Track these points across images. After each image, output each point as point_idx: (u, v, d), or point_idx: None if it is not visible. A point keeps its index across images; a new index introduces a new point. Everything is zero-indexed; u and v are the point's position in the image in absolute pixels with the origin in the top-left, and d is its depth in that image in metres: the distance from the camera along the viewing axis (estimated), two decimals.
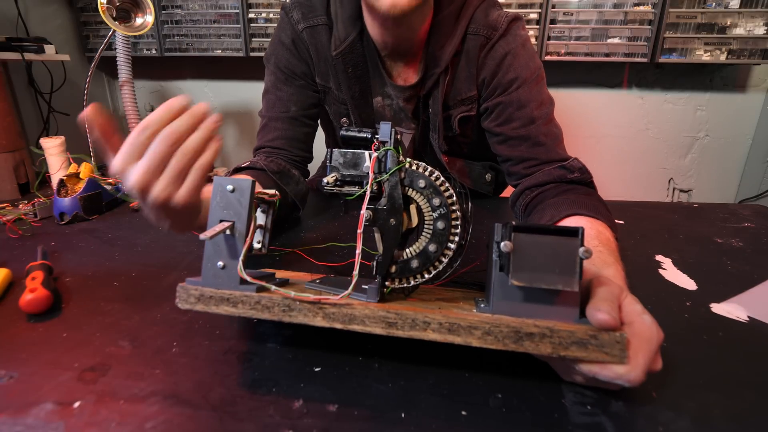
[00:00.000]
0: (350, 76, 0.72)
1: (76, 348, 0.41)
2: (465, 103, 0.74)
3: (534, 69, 0.69)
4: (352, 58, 0.71)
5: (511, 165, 0.71)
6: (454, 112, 0.74)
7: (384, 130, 0.38)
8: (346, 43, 0.70)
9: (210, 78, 2.28)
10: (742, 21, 1.71)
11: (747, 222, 0.78)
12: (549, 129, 0.68)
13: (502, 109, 0.70)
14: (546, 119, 0.68)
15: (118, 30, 1.32)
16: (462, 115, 0.74)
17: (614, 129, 2.08)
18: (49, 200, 0.76)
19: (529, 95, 0.68)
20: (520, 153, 0.69)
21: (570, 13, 1.78)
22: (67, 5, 2.02)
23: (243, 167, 0.69)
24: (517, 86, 0.68)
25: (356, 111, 0.76)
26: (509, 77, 0.68)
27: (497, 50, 0.69)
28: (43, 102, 1.81)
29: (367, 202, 0.36)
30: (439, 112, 0.73)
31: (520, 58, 0.69)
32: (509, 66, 0.68)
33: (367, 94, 0.75)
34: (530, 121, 0.67)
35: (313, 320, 0.34)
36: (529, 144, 0.68)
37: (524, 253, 0.33)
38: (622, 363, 0.31)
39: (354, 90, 0.74)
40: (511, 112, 0.69)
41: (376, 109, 0.77)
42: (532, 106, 0.68)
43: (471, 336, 0.32)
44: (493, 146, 0.74)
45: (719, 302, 0.51)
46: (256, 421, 0.32)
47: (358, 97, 0.75)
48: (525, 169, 0.68)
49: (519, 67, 0.68)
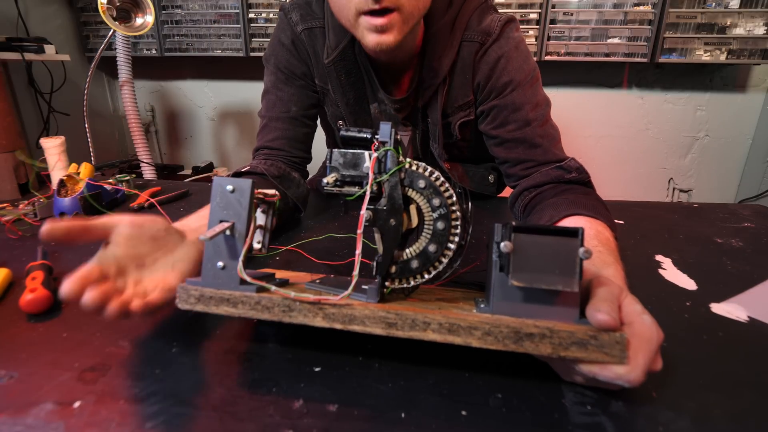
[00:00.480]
0: (343, 83, 0.72)
1: (76, 348, 0.41)
2: (463, 108, 0.74)
3: (528, 71, 0.69)
4: (344, 66, 0.71)
5: (508, 167, 0.71)
6: (454, 118, 0.74)
7: (384, 131, 0.38)
8: (338, 50, 0.69)
9: (210, 78, 2.28)
10: (742, 21, 1.71)
11: (747, 222, 0.78)
12: (545, 130, 0.68)
13: (497, 113, 0.70)
14: (542, 121, 0.68)
15: (118, 30, 1.32)
16: (462, 121, 0.75)
17: (614, 129, 2.08)
18: (49, 200, 0.76)
19: (523, 98, 0.68)
20: (517, 155, 0.69)
21: (570, 13, 1.78)
22: (67, 5, 2.02)
23: (243, 171, 0.69)
24: (512, 89, 0.68)
25: (351, 117, 0.76)
26: (503, 80, 0.68)
27: (490, 54, 0.69)
28: (43, 102, 1.81)
29: (366, 203, 0.36)
30: (438, 122, 0.73)
31: (514, 61, 0.68)
32: (503, 69, 0.68)
33: (363, 100, 0.75)
34: (526, 123, 0.67)
35: (313, 320, 0.34)
36: (525, 146, 0.68)
37: (524, 253, 0.33)
38: (622, 363, 0.31)
39: (348, 96, 0.74)
40: (507, 115, 0.69)
41: (374, 114, 0.77)
42: (527, 108, 0.68)
43: (471, 336, 0.32)
44: (491, 148, 0.74)
45: (719, 302, 0.51)
46: (256, 421, 0.32)
47: (353, 103, 0.75)
48: (522, 170, 0.68)
49: (513, 70, 0.68)
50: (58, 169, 0.87)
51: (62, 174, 0.76)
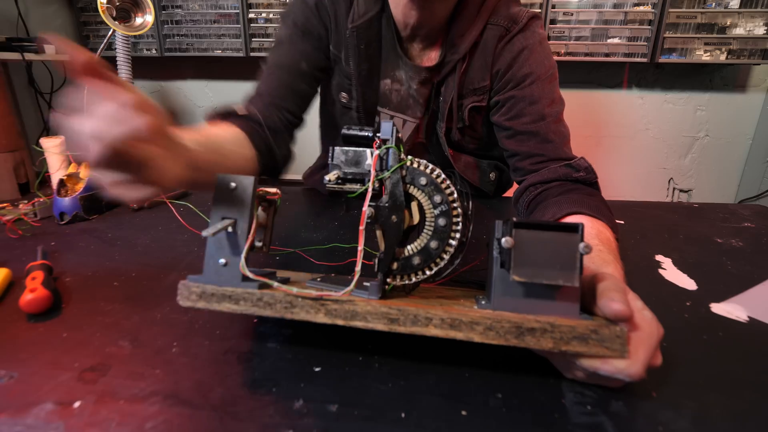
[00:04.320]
0: (361, 53, 0.73)
1: (76, 348, 0.41)
2: (477, 93, 0.74)
3: (549, 67, 0.70)
4: (366, 35, 0.71)
5: (517, 160, 0.71)
6: (466, 101, 0.75)
7: (385, 129, 0.38)
8: (365, 18, 0.70)
9: (210, 78, 2.28)
10: (742, 21, 1.71)
11: (747, 222, 0.78)
12: (558, 128, 0.69)
13: (513, 103, 0.70)
14: (556, 118, 0.69)
15: (118, 30, 1.32)
16: (473, 105, 0.75)
17: (614, 129, 2.08)
18: (49, 200, 0.76)
19: (541, 92, 0.69)
20: (528, 148, 0.69)
21: (570, 13, 1.78)
22: (67, 5, 2.02)
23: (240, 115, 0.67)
24: (531, 82, 0.69)
25: (360, 89, 0.76)
26: (524, 72, 0.69)
27: (515, 44, 0.70)
28: (43, 102, 1.81)
29: (369, 200, 0.36)
30: (450, 100, 0.74)
31: (537, 54, 0.69)
32: (525, 61, 0.69)
33: (375, 74, 0.76)
34: (540, 117, 0.68)
35: (315, 317, 0.34)
36: (537, 140, 0.68)
37: (525, 249, 0.33)
38: (623, 357, 0.31)
39: (362, 68, 0.74)
40: (523, 107, 0.69)
41: (383, 91, 0.78)
42: (544, 102, 0.68)
43: (472, 331, 0.33)
44: (501, 141, 0.74)
45: (719, 302, 0.51)
46: (256, 421, 0.32)
47: (365, 75, 0.75)
48: (531, 165, 0.69)
49: (534, 64, 0.69)
50: (62, 168, 0.87)
51: (62, 174, 0.76)
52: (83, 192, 0.74)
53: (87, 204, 0.74)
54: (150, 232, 0.69)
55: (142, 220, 0.75)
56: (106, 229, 0.71)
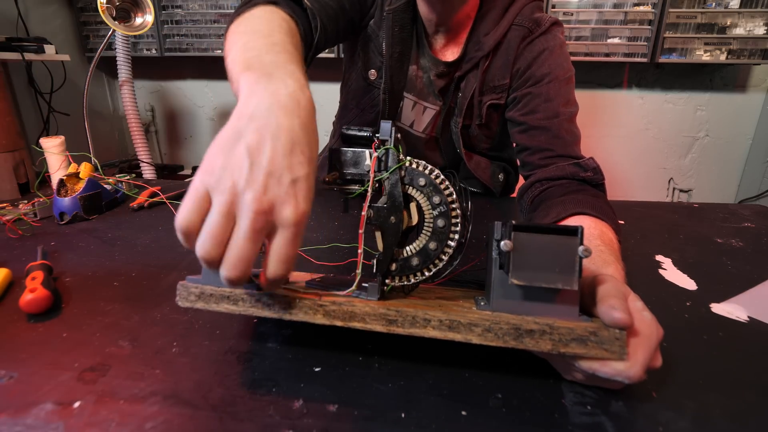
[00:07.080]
0: (395, 35, 0.74)
1: (76, 348, 0.41)
2: (496, 90, 0.76)
3: (567, 70, 0.72)
4: (401, 18, 0.73)
5: (527, 155, 0.73)
6: (485, 98, 0.77)
7: (384, 129, 0.38)
8: (401, 1, 0.72)
9: (210, 78, 2.28)
10: (742, 21, 1.71)
11: (747, 222, 0.78)
12: (570, 127, 0.70)
13: (529, 100, 0.73)
14: (569, 118, 0.71)
15: (118, 30, 1.32)
16: (491, 102, 0.77)
17: (614, 129, 2.08)
18: (49, 200, 0.76)
19: (557, 92, 0.71)
20: (539, 143, 0.70)
21: (570, 13, 1.78)
22: (67, 5, 2.02)
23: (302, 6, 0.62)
24: (548, 81, 0.71)
25: (389, 72, 0.77)
26: (542, 71, 0.71)
27: (536, 45, 0.72)
28: (43, 102, 1.81)
29: (368, 202, 0.36)
30: (470, 96, 0.76)
31: (556, 56, 0.72)
32: (544, 61, 0.72)
33: (405, 59, 0.78)
34: (554, 114, 0.70)
35: (314, 318, 0.34)
36: (549, 135, 0.70)
37: (524, 252, 0.33)
38: (622, 360, 0.31)
39: (395, 50, 0.75)
40: (538, 103, 0.71)
41: (410, 76, 0.79)
42: (559, 101, 0.70)
43: (471, 333, 0.32)
44: (513, 136, 0.76)
45: (719, 302, 0.51)
46: (256, 421, 0.32)
47: (396, 57, 0.76)
48: (540, 159, 0.70)
49: (553, 65, 0.71)
50: (62, 168, 0.87)
51: (62, 174, 0.76)
52: (83, 192, 0.74)
53: (87, 204, 0.74)
54: (150, 232, 0.69)
55: (142, 220, 0.75)
56: (106, 229, 0.71)
